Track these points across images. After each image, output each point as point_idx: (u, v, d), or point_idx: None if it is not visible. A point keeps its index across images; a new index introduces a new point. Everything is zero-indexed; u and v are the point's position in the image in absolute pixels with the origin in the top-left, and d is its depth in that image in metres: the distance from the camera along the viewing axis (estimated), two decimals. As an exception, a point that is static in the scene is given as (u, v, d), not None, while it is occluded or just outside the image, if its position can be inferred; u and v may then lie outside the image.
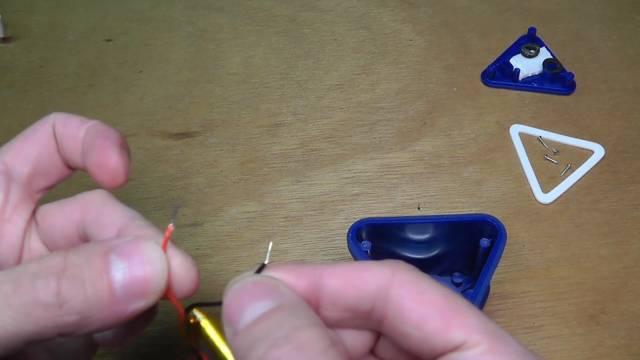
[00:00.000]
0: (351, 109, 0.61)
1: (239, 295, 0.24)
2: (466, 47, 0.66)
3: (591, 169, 0.55)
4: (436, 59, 0.65)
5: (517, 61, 0.63)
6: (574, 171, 0.55)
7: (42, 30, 0.70)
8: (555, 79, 0.61)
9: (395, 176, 0.55)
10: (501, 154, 0.57)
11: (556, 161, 0.56)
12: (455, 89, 0.62)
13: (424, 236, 0.45)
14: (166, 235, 0.27)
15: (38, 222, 0.31)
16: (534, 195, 0.53)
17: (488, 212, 0.47)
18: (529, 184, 0.54)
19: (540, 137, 0.58)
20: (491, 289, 0.47)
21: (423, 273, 0.25)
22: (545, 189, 0.54)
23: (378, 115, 0.60)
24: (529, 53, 0.63)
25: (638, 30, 0.68)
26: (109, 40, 0.69)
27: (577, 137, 0.57)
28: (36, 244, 0.31)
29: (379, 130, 0.59)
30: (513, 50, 0.65)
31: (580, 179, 0.54)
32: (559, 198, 0.53)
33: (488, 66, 0.63)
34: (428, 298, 0.23)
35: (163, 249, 0.27)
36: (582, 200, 0.53)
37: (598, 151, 0.56)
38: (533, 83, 0.62)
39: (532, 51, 0.63)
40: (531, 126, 0.58)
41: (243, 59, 0.66)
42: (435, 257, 0.46)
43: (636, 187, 0.54)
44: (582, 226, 0.51)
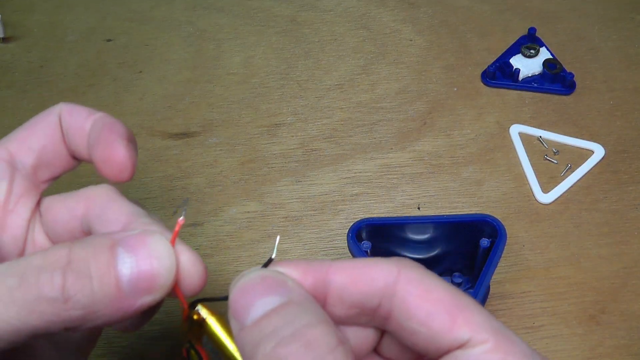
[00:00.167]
0: (351, 109, 0.61)
1: (247, 289, 0.23)
2: (466, 47, 0.66)
3: (591, 169, 0.55)
4: (436, 59, 0.65)
5: (517, 61, 0.63)
6: (574, 171, 0.55)
7: (42, 30, 0.70)
8: (555, 79, 0.61)
9: (395, 176, 0.55)
10: (501, 154, 0.57)
11: (556, 161, 0.56)
12: (455, 89, 0.62)
13: (424, 236, 0.45)
14: (176, 229, 0.26)
15: (42, 214, 0.31)
16: (534, 195, 0.53)
17: (488, 212, 0.47)
18: (529, 184, 0.54)
19: (540, 137, 0.58)
20: (491, 289, 0.47)
21: (429, 270, 0.25)
22: (545, 189, 0.54)
23: (378, 115, 0.60)
24: (529, 53, 0.63)
25: (638, 30, 0.68)
26: (109, 40, 0.69)
27: (577, 137, 0.57)
28: (40, 236, 0.31)
29: (379, 130, 0.59)
30: (513, 50, 0.65)
31: (580, 179, 0.54)
32: (559, 198, 0.53)
33: (488, 66, 0.63)
34: (434, 295, 0.23)
35: (171, 244, 0.26)
36: (582, 200, 0.53)
37: (598, 151, 0.56)
38: (533, 83, 0.62)
39: (532, 51, 0.63)
40: (531, 126, 0.58)
41: (243, 59, 0.66)
42: (435, 257, 0.46)
43: (636, 187, 0.54)
44: (582, 226, 0.51)
